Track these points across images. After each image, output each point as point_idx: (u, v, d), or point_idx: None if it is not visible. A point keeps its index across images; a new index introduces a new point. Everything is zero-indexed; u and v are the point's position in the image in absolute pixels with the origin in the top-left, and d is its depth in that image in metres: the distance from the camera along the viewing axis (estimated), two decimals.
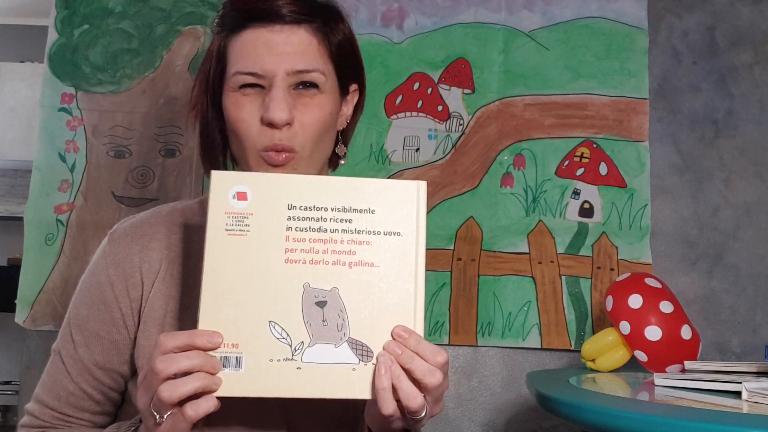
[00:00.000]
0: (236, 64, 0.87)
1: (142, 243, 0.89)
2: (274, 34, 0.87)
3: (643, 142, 1.69)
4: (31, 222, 1.62)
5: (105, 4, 1.70)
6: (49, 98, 1.67)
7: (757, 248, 1.68)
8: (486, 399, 1.64)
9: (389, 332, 0.72)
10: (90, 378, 0.88)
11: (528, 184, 1.68)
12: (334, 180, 0.75)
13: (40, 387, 0.90)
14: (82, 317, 0.88)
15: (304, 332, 0.71)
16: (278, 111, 0.84)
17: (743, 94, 1.72)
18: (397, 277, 0.73)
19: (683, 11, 1.76)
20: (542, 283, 1.64)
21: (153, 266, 0.88)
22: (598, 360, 1.41)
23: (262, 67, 0.86)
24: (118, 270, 0.87)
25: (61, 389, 0.88)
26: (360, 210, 0.74)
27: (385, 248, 0.73)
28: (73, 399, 0.88)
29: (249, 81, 0.86)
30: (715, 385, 1.03)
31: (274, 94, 0.85)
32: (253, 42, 0.87)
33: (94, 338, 0.87)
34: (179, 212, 0.93)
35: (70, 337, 0.88)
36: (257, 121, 0.86)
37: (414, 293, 0.73)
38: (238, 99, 0.87)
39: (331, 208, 0.74)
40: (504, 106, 1.70)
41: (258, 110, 0.86)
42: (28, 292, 1.60)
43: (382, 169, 1.67)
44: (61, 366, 0.88)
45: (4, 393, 3.77)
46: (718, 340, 1.65)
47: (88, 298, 0.88)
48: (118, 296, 0.87)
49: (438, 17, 1.73)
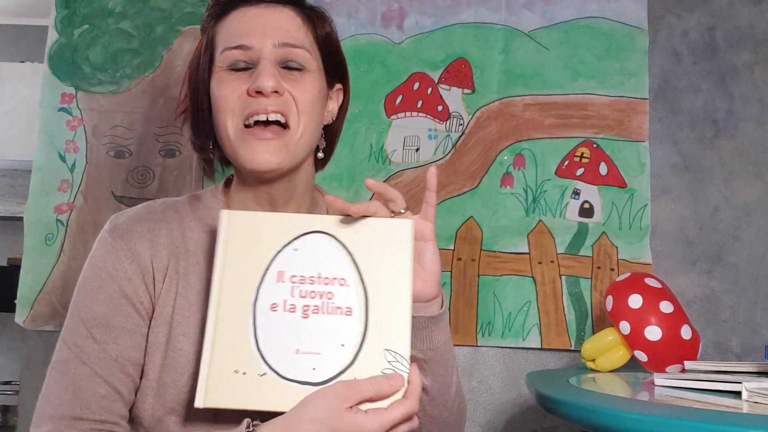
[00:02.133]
0: (224, 42, 0.88)
1: (151, 238, 0.88)
2: (260, 10, 0.88)
3: (643, 142, 1.69)
4: (31, 222, 1.62)
5: (105, 4, 1.70)
6: (49, 98, 1.67)
7: (757, 248, 1.68)
8: (486, 399, 1.64)
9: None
10: (123, 376, 0.84)
11: (528, 184, 1.67)
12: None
13: (54, 404, 0.82)
14: (103, 315, 0.84)
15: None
16: (266, 80, 0.84)
17: (743, 94, 1.72)
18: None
19: (683, 11, 1.76)
20: (542, 283, 1.64)
21: (162, 262, 0.88)
22: (598, 360, 1.41)
23: (249, 39, 0.86)
24: (133, 265, 0.86)
25: (90, 395, 0.82)
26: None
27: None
28: (105, 402, 0.82)
29: (237, 56, 0.86)
30: (715, 385, 1.03)
31: (262, 67, 0.85)
32: (239, 19, 0.88)
33: (124, 333, 0.84)
34: (172, 209, 0.92)
35: (92, 339, 0.83)
36: (243, 94, 0.85)
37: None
38: (224, 77, 0.87)
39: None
40: (504, 106, 1.70)
41: (245, 86, 0.86)
42: (28, 292, 1.60)
43: (382, 169, 1.67)
44: (86, 370, 0.83)
45: (4, 393, 3.77)
46: (718, 340, 1.65)
47: (105, 295, 0.85)
48: (138, 290, 0.86)
49: (438, 17, 1.73)
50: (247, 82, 0.85)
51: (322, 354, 0.76)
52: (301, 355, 0.76)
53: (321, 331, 0.77)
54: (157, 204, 0.93)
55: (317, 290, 0.78)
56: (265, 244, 0.80)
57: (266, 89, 0.84)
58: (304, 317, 0.77)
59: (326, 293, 0.78)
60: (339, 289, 0.78)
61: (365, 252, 0.80)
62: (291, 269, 0.79)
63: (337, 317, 0.77)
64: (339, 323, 0.77)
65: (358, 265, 0.79)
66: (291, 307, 0.77)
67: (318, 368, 0.76)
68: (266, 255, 0.79)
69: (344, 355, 0.76)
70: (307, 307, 0.78)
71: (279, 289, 0.78)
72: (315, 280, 0.78)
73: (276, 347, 0.76)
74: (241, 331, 0.76)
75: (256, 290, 0.78)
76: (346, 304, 0.78)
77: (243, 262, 0.79)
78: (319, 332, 0.77)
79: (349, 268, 0.79)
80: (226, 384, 0.75)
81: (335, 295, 0.78)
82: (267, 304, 0.78)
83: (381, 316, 0.78)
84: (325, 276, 0.79)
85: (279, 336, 0.76)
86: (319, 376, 0.75)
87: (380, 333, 0.77)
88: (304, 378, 0.75)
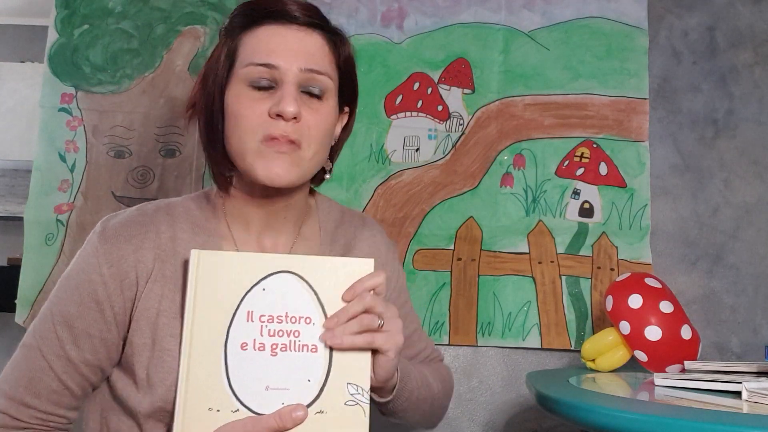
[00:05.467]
0: (249, 56, 0.88)
1: (136, 243, 0.90)
2: (290, 31, 0.88)
3: (643, 142, 1.69)
4: (31, 222, 1.62)
5: (105, 4, 1.70)
6: (49, 98, 1.67)
7: (757, 248, 1.68)
8: (486, 399, 1.64)
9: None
10: (76, 375, 0.88)
11: (528, 184, 1.68)
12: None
13: (11, 383, 0.88)
14: (70, 315, 0.88)
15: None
16: (289, 105, 0.86)
17: (743, 94, 1.72)
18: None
19: (683, 11, 1.76)
20: (542, 283, 1.64)
21: (147, 266, 0.89)
22: (598, 360, 1.41)
23: (277, 60, 0.87)
24: (113, 270, 0.88)
25: (42, 387, 0.88)
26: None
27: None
28: (55, 396, 0.88)
29: (262, 74, 0.87)
30: (715, 385, 1.03)
31: (287, 90, 0.87)
32: (268, 36, 0.88)
33: (84, 336, 0.88)
34: (164, 211, 0.94)
35: (55, 335, 0.88)
36: (264, 114, 0.87)
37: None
38: (244, 92, 0.88)
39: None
40: (504, 106, 1.70)
41: (265, 106, 0.87)
42: (28, 292, 1.60)
43: (382, 169, 1.67)
44: (43, 363, 0.88)
45: None
46: (718, 340, 1.65)
47: (78, 296, 0.88)
48: (111, 295, 0.88)
49: (438, 17, 1.73)
50: (268, 103, 0.87)
51: (290, 389, 0.81)
52: (271, 391, 0.81)
53: (289, 368, 0.82)
54: (150, 207, 0.95)
55: (285, 329, 0.83)
56: (235, 284, 0.83)
57: (288, 115, 0.86)
58: (273, 355, 0.82)
59: (293, 332, 0.83)
60: (305, 327, 0.83)
61: (329, 290, 0.85)
62: (260, 309, 0.83)
63: (304, 354, 0.82)
64: (305, 360, 0.82)
65: (323, 303, 0.84)
66: (260, 345, 0.82)
67: (287, 402, 0.81)
68: (236, 295, 0.83)
69: (311, 389, 0.81)
70: (275, 345, 0.82)
71: (248, 329, 0.82)
72: (282, 318, 0.83)
73: (247, 385, 0.81)
74: (214, 370, 0.81)
75: (227, 330, 0.82)
76: (312, 342, 0.83)
77: (213, 301, 0.83)
78: (287, 369, 0.82)
79: (314, 306, 0.84)
80: (202, 421, 0.79)
81: (302, 333, 0.83)
82: (237, 343, 0.82)
83: (343, 352, 0.83)
84: (292, 315, 0.83)
85: (250, 374, 0.81)
86: None
87: (342, 368, 0.83)
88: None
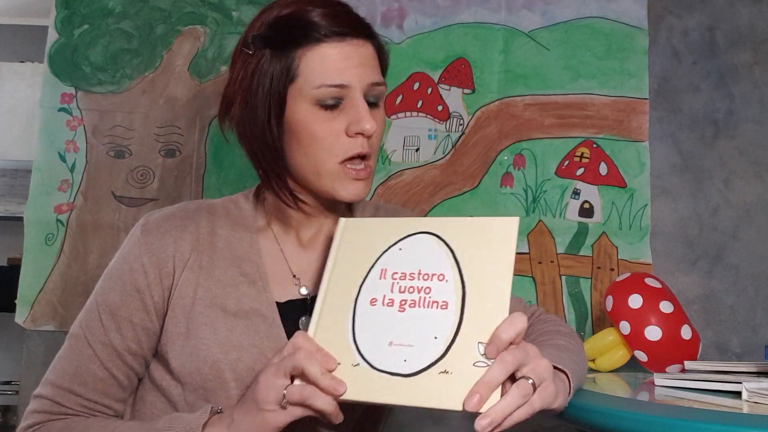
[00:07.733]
0: (319, 77, 0.88)
1: (176, 234, 0.93)
2: (351, 47, 0.90)
3: (643, 142, 1.69)
4: (31, 222, 1.62)
5: (105, 4, 1.70)
6: (49, 98, 1.67)
7: (757, 248, 1.67)
8: None
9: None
10: (121, 363, 0.90)
11: (528, 184, 1.68)
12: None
13: (59, 373, 0.90)
14: (114, 303, 0.90)
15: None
16: (368, 122, 0.88)
17: (743, 94, 1.72)
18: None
19: (683, 11, 1.76)
20: (542, 283, 1.64)
21: (184, 256, 0.92)
22: (598, 360, 1.41)
23: (349, 79, 0.89)
24: (152, 259, 0.91)
25: (88, 375, 0.89)
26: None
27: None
28: (101, 385, 0.90)
29: (334, 94, 0.89)
30: (715, 385, 1.03)
31: (361, 106, 0.89)
32: (334, 53, 0.89)
33: (128, 324, 0.90)
34: (205, 209, 0.97)
35: (100, 323, 0.90)
36: (340, 134, 0.89)
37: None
38: (317, 113, 0.89)
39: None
40: (504, 106, 1.70)
41: (339, 125, 0.89)
42: (28, 292, 1.60)
43: (382, 169, 1.67)
44: (89, 351, 0.90)
45: (4, 393, 3.78)
46: (718, 340, 1.65)
47: (121, 285, 0.91)
48: (151, 284, 0.90)
49: (438, 17, 1.73)
50: (339, 121, 0.89)
51: (414, 346, 0.77)
52: (394, 347, 0.78)
53: (415, 324, 0.78)
54: (192, 205, 0.98)
55: (416, 285, 0.81)
56: (374, 246, 0.84)
57: (369, 132, 0.89)
58: (401, 311, 0.79)
59: (424, 288, 0.80)
60: (437, 284, 0.80)
61: (467, 249, 0.82)
62: (393, 267, 0.82)
63: (433, 311, 0.79)
64: (434, 317, 0.78)
65: (459, 262, 0.81)
66: (389, 301, 0.80)
67: (409, 360, 0.77)
68: (373, 255, 0.84)
69: (437, 347, 0.77)
70: (404, 301, 0.80)
71: (380, 285, 0.81)
72: (415, 276, 0.81)
73: (371, 339, 0.79)
74: (340, 325, 0.80)
75: (359, 287, 0.82)
76: (443, 299, 0.79)
77: (351, 263, 0.84)
78: (413, 325, 0.78)
79: (449, 265, 0.81)
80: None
81: (433, 290, 0.80)
82: (367, 299, 0.81)
83: (477, 310, 0.78)
84: (425, 272, 0.81)
85: (375, 329, 0.79)
86: (410, 367, 0.76)
87: (475, 326, 0.77)
88: (395, 369, 0.76)
